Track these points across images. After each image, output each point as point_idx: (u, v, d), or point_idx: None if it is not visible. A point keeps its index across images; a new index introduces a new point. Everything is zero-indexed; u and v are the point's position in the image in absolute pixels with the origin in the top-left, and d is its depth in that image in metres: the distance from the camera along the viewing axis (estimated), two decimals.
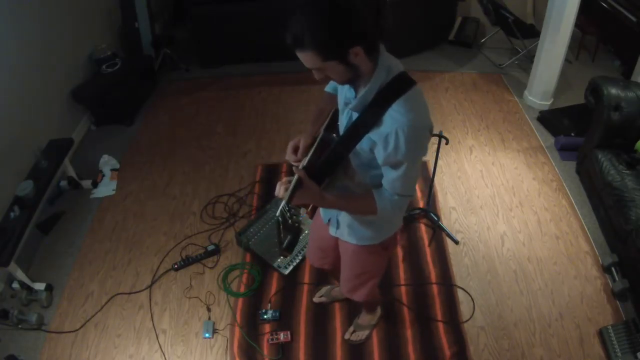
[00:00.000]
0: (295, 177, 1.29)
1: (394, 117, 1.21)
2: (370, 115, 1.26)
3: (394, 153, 1.24)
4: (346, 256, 1.77)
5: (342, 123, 1.40)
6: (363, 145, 1.31)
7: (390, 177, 1.32)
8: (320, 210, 1.72)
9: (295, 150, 1.48)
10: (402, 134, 1.20)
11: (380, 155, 1.29)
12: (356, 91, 1.32)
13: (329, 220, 1.69)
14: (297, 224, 1.33)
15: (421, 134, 1.24)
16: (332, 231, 1.70)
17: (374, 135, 1.27)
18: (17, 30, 3.04)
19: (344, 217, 1.60)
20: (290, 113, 3.95)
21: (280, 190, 1.32)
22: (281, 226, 1.32)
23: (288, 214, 1.32)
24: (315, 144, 1.37)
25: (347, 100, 1.35)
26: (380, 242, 1.62)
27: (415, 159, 1.29)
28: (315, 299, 2.48)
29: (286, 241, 1.35)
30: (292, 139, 1.51)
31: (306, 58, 1.16)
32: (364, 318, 2.31)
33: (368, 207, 1.39)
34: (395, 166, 1.29)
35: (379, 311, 2.36)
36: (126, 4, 4.19)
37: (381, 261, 1.77)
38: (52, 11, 3.42)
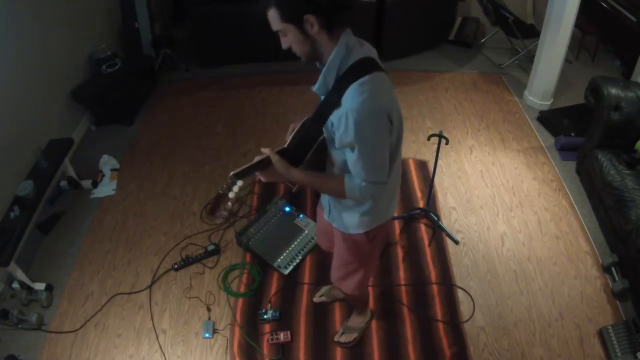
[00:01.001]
0: (264, 155, 1.39)
1: (347, 99, 1.25)
2: (332, 97, 1.30)
3: (344, 134, 1.28)
4: (336, 243, 1.81)
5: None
6: (328, 126, 1.36)
7: (349, 160, 1.35)
8: (321, 195, 1.78)
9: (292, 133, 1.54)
10: (352, 115, 1.23)
11: (336, 136, 1.32)
12: None
13: (326, 207, 1.73)
14: (221, 192, 1.50)
15: (373, 117, 1.26)
16: (325, 215, 1.74)
17: (333, 116, 1.31)
18: (17, 30, 3.04)
19: (333, 203, 1.64)
20: (290, 113, 3.95)
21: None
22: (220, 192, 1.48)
23: (227, 183, 1.46)
24: (298, 126, 1.44)
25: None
26: (365, 232, 1.63)
27: (370, 143, 1.30)
28: (316, 299, 2.48)
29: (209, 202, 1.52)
30: None
31: (270, 16, 1.25)
32: (354, 320, 2.31)
33: (336, 188, 1.43)
34: (351, 149, 1.32)
35: (369, 314, 2.36)
36: (126, 4, 4.19)
37: (367, 253, 1.77)
38: (52, 11, 3.42)
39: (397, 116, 1.35)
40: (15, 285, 2.58)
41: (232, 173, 1.40)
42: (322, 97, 1.38)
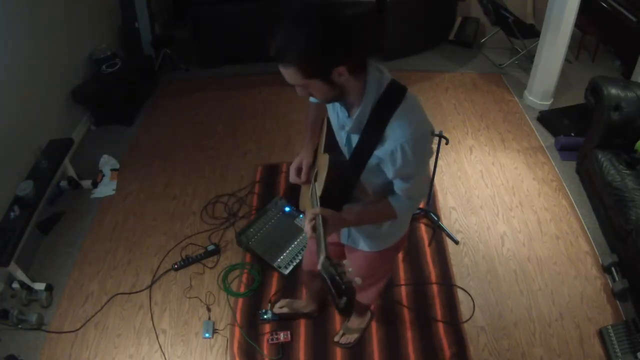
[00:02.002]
0: (319, 219, 1.24)
1: (396, 132, 1.19)
2: (371, 134, 1.23)
3: (403, 167, 1.24)
4: (356, 262, 1.72)
5: (342, 142, 1.38)
6: (370, 163, 1.29)
7: (402, 186, 1.32)
8: None
9: (299, 171, 1.46)
10: (409, 147, 1.19)
11: (389, 171, 1.28)
12: (349, 111, 1.28)
13: (344, 231, 1.67)
14: (347, 282, 1.10)
15: (425, 142, 1.25)
16: (343, 239, 1.68)
17: (379, 152, 1.25)
18: (17, 30, 3.04)
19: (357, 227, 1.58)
20: (290, 113, 3.95)
21: (307, 229, 1.27)
22: (329, 283, 1.15)
23: (334, 271, 1.12)
24: (327, 169, 1.33)
25: (341, 122, 1.31)
26: (394, 243, 1.62)
27: (424, 167, 1.32)
28: (276, 310, 2.41)
29: (342, 303, 1.13)
30: (292, 140, 1.51)
31: (288, 73, 1.13)
32: (354, 321, 2.30)
33: (387, 215, 1.41)
34: (406, 178, 1.29)
35: (369, 314, 2.35)
36: (126, 4, 4.19)
37: (391, 263, 1.78)
38: (52, 11, 3.42)
39: None
40: (15, 285, 2.58)
41: (324, 259, 1.15)
42: (342, 132, 1.32)
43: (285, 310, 2.40)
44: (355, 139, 1.29)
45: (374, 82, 1.21)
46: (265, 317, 2.41)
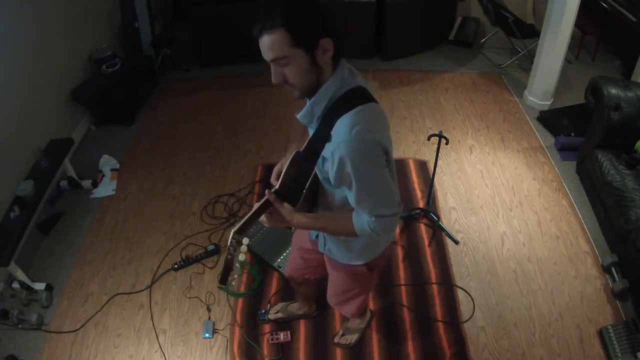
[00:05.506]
0: (263, 199, 1.24)
1: (338, 132, 1.15)
2: (322, 130, 1.19)
3: (339, 171, 1.18)
4: (333, 273, 1.74)
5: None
6: (319, 163, 1.25)
7: (351, 197, 1.25)
8: None
9: (279, 174, 1.46)
10: (345, 150, 1.13)
11: (330, 173, 1.22)
12: None
13: (317, 236, 1.65)
14: (230, 257, 1.32)
15: (368, 151, 1.15)
16: (320, 247, 1.64)
17: (325, 151, 1.20)
18: (17, 30, 3.04)
19: (328, 235, 1.55)
20: (290, 113, 3.94)
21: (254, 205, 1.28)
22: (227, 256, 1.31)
23: (230, 244, 1.29)
24: (287, 163, 1.32)
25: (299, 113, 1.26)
26: (365, 262, 1.58)
27: (369, 177, 1.19)
28: (271, 315, 2.41)
29: (220, 274, 1.36)
30: (292, 140, 1.51)
31: (274, 39, 1.06)
32: (353, 322, 2.30)
33: (346, 228, 1.32)
34: (349, 185, 1.22)
35: (368, 314, 2.35)
36: (126, 4, 4.19)
37: (366, 281, 1.73)
38: (52, 11, 3.42)
39: (390, 149, 1.24)
40: (15, 285, 2.58)
41: (233, 230, 1.26)
42: (311, 128, 1.27)
43: (280, 315, 2.40)
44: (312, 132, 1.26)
45: (339, 77, 1.18)
46: (265, 317, 2.41)
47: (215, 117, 3.96)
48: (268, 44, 1.08)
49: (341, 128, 1.14)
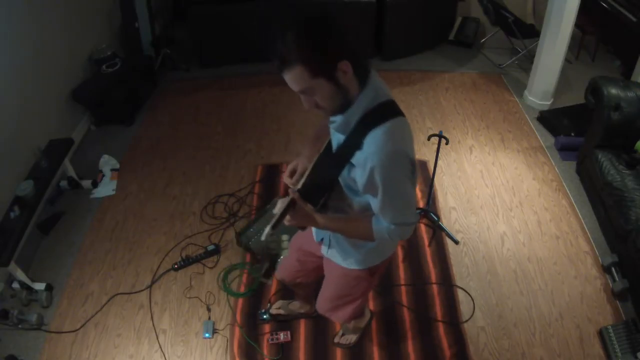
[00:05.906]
0: (288, 198, 1.29)
1: (371, 143, 1.20)
2: (353, 140, 1.24)
3: (369, 179, 1.23)
4: (331, 276, 1.74)
5: (334, 147, 1.39)
6: (348, 168, 1.30)
7: (375, 204, 1.31)
8: (313, 228, 1.69)
9: (293, 173, 1.46)
10: (378, 159, 1.19)
11: (358, 181, 1.27)
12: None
13: (322, 240, 1.66)
14: (274, 251, 1.34)
15: (398, 162, 1.22)
16: (323, 251, 1.67)
17: (355, 159, 1.25)
18: (17, 30, 3.04)
19: (337, 237, 1.58)
20: (290, 113, 3.95)
21: (277, 208, 1.32)
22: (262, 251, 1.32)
23: (273, 241, 1.31)
24: (311, 166, 1.37)
25: (332, 119, 1.30)
26: (368, 267, 1.60)
27: (396, 186, 1.26)
28: (273, 310, 2.42)
29: (264, 268, 1.36)
30: (292, 140, 1.51)
31: (294, 75, 1.13)
32: (354, 322, 2.30)
33: (363, 231, 1.38)
34: (374, 193, 1.27)
35: (367, 314, 2.35)
36: (126, 4, 4.19)
37: (366, 286, 1.73)
38: (52, 11, 3.42)
39: (415, 161, 1.30)
40: (15, 285, 2.58)
41: (268, 228, 1.26)
42: (337, 134, 1.32)
43: (281, 311, 2.41)
44: (343, 140, 1.30)
45: (372, 88, 1.22)
46: (265, 317, 2.41)
47: (215, 117, 3.96)
48: (290, 79, 1.15)
49: (374, 139, 1.20)
